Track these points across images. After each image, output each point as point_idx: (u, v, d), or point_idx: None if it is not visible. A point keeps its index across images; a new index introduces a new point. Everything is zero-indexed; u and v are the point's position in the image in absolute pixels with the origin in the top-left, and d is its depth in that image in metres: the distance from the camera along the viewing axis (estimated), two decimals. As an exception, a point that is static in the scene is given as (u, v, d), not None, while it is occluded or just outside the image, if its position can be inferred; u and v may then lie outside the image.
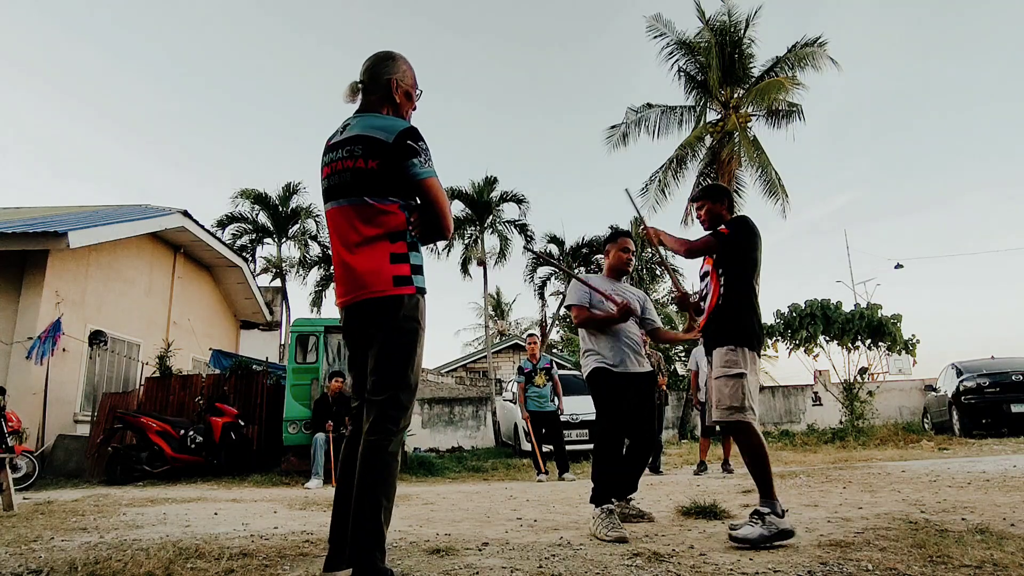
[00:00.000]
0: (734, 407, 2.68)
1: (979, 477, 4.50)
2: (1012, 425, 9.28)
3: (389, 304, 1.89)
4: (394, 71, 2.08)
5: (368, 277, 1.89)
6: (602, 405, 3.24)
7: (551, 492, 5.15)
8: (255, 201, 17.98)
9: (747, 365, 2.71)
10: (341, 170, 1.96)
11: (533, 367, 7.59)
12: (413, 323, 1.92)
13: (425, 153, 1.94)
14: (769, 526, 2.43)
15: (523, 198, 16.90)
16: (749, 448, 2.65)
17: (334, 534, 1.94)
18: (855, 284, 25.29)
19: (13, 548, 2.61)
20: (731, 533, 2.51)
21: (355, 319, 1.97)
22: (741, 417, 2.66)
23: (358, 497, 1.82)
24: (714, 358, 2.82)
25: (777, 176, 15.50)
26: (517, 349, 23.33)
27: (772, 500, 2.53)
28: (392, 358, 1.90)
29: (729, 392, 2.70)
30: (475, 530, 3.06)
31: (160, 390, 8.62)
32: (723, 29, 15.61)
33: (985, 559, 2.01)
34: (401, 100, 2.09)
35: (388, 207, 1.91)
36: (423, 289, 1.98)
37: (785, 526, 2.46)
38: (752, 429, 2.66)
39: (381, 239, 1.91)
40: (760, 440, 2.65)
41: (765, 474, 2.60)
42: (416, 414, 14.27)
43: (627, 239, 3.67)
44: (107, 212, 10.99)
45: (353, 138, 1.96)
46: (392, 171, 1.91)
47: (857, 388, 11.34)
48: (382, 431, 1.86)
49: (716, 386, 2.77)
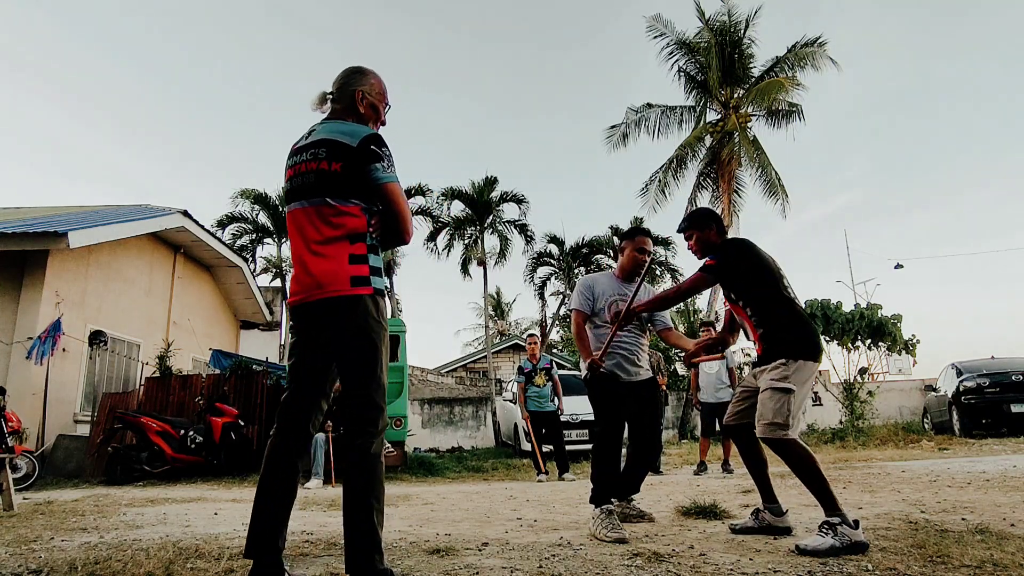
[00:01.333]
0: (777, 423, 2.54)
1: (979, 477, 4.50)
2: (1012, 425, 9.28)
3: (345, 304, 1.90)
4: (361, 84, 2.13)
5: (325, 277, 1.91)
6: (598, 408, 3.18)
7: (551, 492, 5.15)
8: (255, 201, 17.98)
9: (799, 380, 2.57)
10: (305, 172, 1.99)
11: (533, 367, 7.59)
12: (374, 323, 1.93)
13: (388, 159, 1.98)
14: (841, 537, 2.25)
15: (523, 198, 16.93)
16: (798, 463, 2.51)
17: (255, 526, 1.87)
18: (855, 284, 25.31)
19: (13, 548, 2.61)
20: (798, 545, 2.32)
21: (307, 318, 1.98)
22: (783, 435, 2.53)
23: (349, 502, 1.83)
24: (766, 371, 2.67)
25: (777, 176, 15.51)
26: (517, 349, 23.34)
27: (838, 510, 2.35)
28: (360, 361, 1.91)
29: (774, 407, 2.55)
30: (475, 530, 3.06)
31: (160, 390, 8.61)
32: (723, 29, 15.63)
33: (985, 559, 2.01)
34: (366, 112, 2.12)
35: (349, 208, 1.94)
36: (382, 291, 2.00)
37: (859, 538, 2.27)
38: (796, 445, 2.52)
39: (341, 240, 1.93)
40: (807, 452, 2.51)
41: (823, 485, 2.43)
42: (416, 414, 14.26)
43: (646, 239, 3.37)
44: (107, 212, 10.99)
45: (318, 142, 2.00)
46: (355, 174, 1.94)
47: (857, 388, 11.33)
48: (363, 434, 1.87)
49: (762, 399, 2.63)
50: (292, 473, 1.94)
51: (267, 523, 1.86)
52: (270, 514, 1.87)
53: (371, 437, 1.88)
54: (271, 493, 1.89)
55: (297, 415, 1.97)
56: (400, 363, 8.82)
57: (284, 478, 1.91)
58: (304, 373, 1.99)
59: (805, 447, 2.53)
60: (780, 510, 2.76)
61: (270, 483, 1.90)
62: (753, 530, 2.75)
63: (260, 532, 1.85)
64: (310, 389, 1.99)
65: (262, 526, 1.86)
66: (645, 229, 3.49)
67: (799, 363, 2.58)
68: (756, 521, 2.76)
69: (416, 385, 17.67)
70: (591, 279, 3.40)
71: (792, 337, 2.64)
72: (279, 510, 1.89)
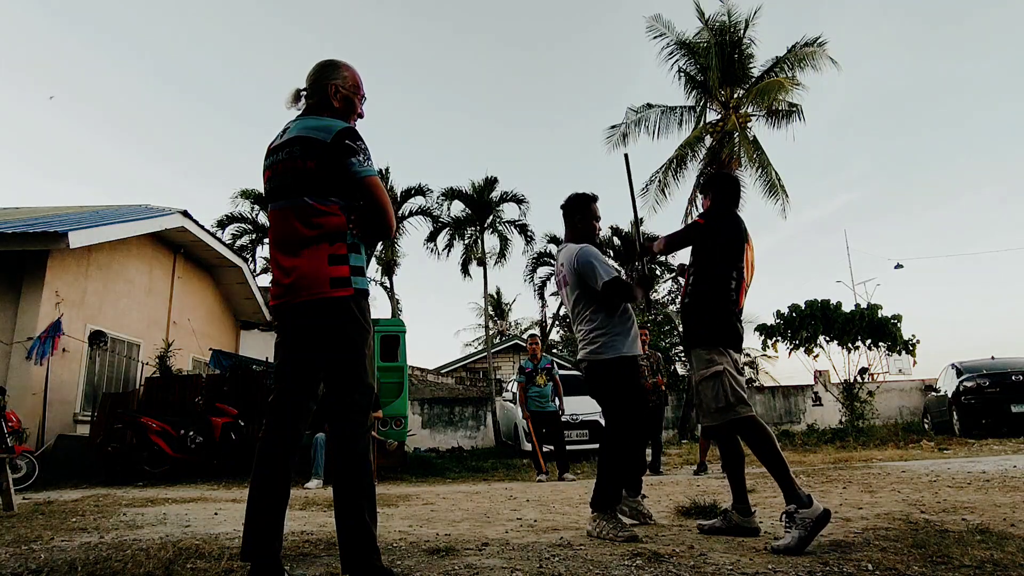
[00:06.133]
0: (720, 408, 2.55)
1: (979, 477, 4.50)
2: (1012, 425, 9.28)
3: (326, 307, 1.88)
4: (334, 77, 2.10)
5: (305, 279, 1.89)
6: (631, 399, 2.91)
7: (551, 492, 5.15)
8: (255, 201, 17.98)
9: (725, 361, 2.58)
10: (282, 172, 1.97)
11: (534, 367, 7.60)
12: (356, 324, 1.91)
13: (364, 152, 1.95)
14: (803, 522, 2.27)
15: (523, 198, 16.92)
16: (756, 443, 2.48)
17: (251, 528, 1.86)
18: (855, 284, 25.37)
19: (13, 548, 2.61)
20: (772, 546, 2.33)
21: (289, 320, 1.97)
22: (733, 415, 2.51)
23: (341, 503, 1.83)
24: (692, 363, 2.70)
25: (777, 176, 15.50)
26: (517, 349, 23.32)
27: (796, 494, 2.35)
28: (343, 364, 1.91)
29: (712, 394, 2.57)
30: (475, 530, 3.06)
31: (160, 390, 8.61)
32: (723, 29, 15.62)
33: (985, 559, 2.01)
34: (340, 105, 2.09)
35: (328, 208, 1.92)
36: (363, 291, 1.97)
37: (817, 513, 2.28)
38: (753, 422, 2.49)
39: (320, 240, 1.91)
40: (766, 432, 2.48)
41: (783, 469, 2.42)
42: (416, 414, 14.26)
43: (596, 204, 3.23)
44: (107, 212, 10.98)
45: (292, 140, 1.97)
46: (331, 171, 1.91)
47: (857, 388, 11.33)
48: (348, 435, 1.87)
49: (699, 392, 2.65)
50: (284, 474, 1.92)
51: (262, 525, 1.85)
52: (264, 516, 1.86)
53: (358, 437, 1.88)
54: (264, 495, 1.89)
55: (285, 416, 1.95)
56: (400, 363, 8.82)
57: (276, 479, 1.90)
58: (290, 373, 1.98)
59: (764, 427, 2.52)
60: (748, 510, 2.77)
61: (263, 485, 1.89)
62: (720, 530, 2.74)
63: (256, 534, 1.84)
64: (296, 389, 1.97)
65: (257, 528, 1.85)
66: (594, 195, 3.25)
67: (718, 349, 2.62)
68: (724, 521, 2.76)
69: (416, 385, 17.66)
70: (594, 249, 3.14)
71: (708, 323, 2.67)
72: (273, 511, 1.88)
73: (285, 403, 1.96)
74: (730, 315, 2.70)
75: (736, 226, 2.80)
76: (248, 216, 18.25)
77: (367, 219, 1.98)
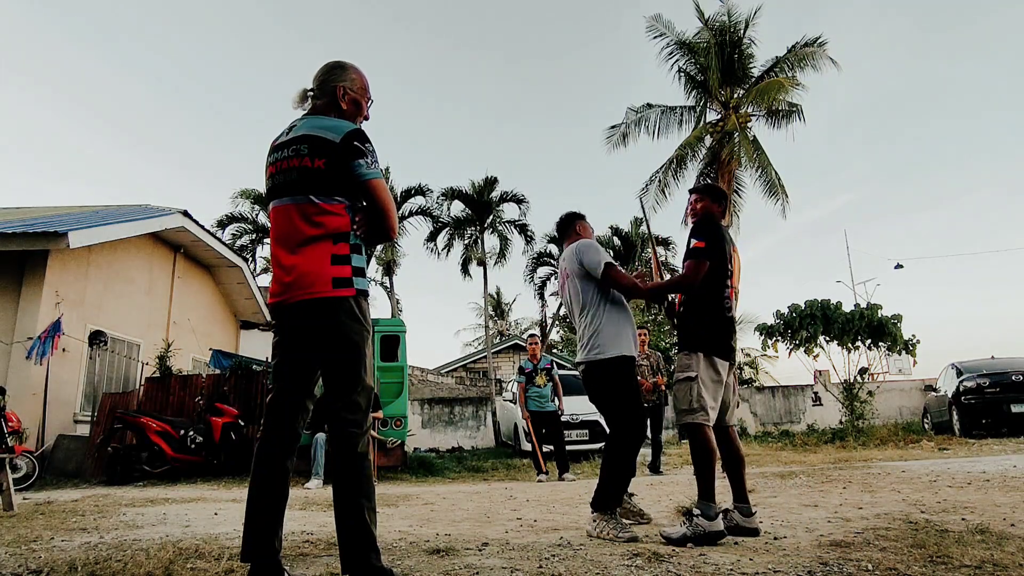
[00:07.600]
0: (683, 410, 2.77)
1: (979, 477, 4.50)
2: (1012, 425, 9.27)
3: (327, 306, 1.88)
4: (342, 79, 2.09)
5: (307, 278, 1.88)
6: (631, 398, 2.96)
7: (551, 492, 5.15)
8: (255, 201, 18.00)
9: (700, 369, 2.76)
10: (287, 169, 1.96)
11: (534, 367, 7.60)
12: (357, 325, 1.91)
13: (372, 155, 1.95)
14: (695, 527, 2.54)
15: (523, 198, 16.94)
16: (696, 449, 2.72)
17: (250, 529, 1.86)
18: (855, 284, 25.17)
19: (13, 548, 2.61)
20: (661, 531, 2.69)
21: (288, 318, 1.96)
22: (691, 419, 2.73)
23: (340, 503, 1.83)
24: (676, 364, 2.93)
25: (777, 176, 15.50)
26: (517, 349, 23.33)
27: (708, 503, 2.61)
28: (342, 364, 1.90)
29: (681, 396, 2.79)
30: (475, 530, 3.06)
31: (160, 390, 8.60)
32: (723, 29, 15.61)
33: (985, 559, 2.01)
34: (348, 107, 2.09)
35: (333, 207, 1.92)
36: (364, 292, 1.97)
37: (715, 528, 2.55)
38: (703, 432, 2.70)
39: (323, 239, 1.91)
40: (711, 445, 2.70)
41: (708, 478, 2.68)
42: (416, 414, 14.26)
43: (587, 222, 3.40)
44: (107, 212, 10.98)
45: (299, 138, 1.96)
46: (338, 171, 1.91)
47: (857, 388, 11.31)
48: (347, 435, 1.87)
49: (675, 392, 2.87)
50: (283, 474, 1.92)
51: (262, 525, 1.85)
52: (264, 516, 1.86)
53: (356, 437, 1.88)
54: (263, 495, 1.89)
55: (283, 415, 1.95)
56: (400, 363, 8.81)
57: (275, 479, 1.90)
58: (287, 372, 1.98)
59: (710, 439, 2.71)
60: (749, 510, 2.81)
61: (262, 485, 1.89)
62: None
63: (255, 534, 1.84)
64: (294, 389, 1.97)
65: (257, 528, 1.85)
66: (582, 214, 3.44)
67: (697, 355, 2.78)
68: (725, 521, 2.77)
69: (416, 385, 17.66)
70: (593, 241, 3.22)
71: (695, 331, 2.84)
72: (273, 511, 1.88)
73: (283, 403, 1.96)
74: (724, 323, 2.87)
75: (723, 238, 2.95)
76: (248, 216, 18.27)
77: (370, 221, 1.98)
